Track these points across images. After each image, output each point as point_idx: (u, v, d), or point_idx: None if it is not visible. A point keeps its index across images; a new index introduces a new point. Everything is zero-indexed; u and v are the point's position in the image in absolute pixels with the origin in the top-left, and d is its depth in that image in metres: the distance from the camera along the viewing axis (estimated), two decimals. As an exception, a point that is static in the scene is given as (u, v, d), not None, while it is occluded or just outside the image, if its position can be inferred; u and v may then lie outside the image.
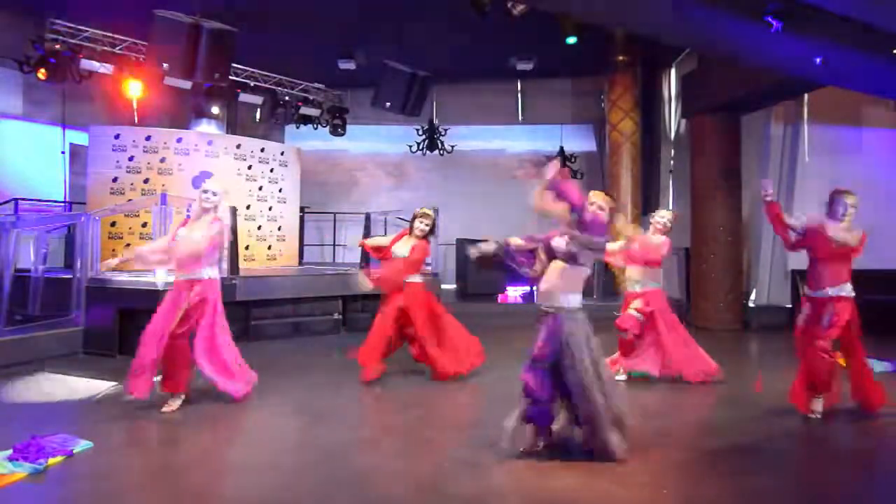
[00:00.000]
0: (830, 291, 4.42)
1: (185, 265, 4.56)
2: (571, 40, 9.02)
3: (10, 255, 6.75)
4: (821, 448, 4.18)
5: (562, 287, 3.58)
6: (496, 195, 13.38)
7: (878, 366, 6.25)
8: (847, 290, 4.43)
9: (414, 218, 5.68)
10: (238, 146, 9.98)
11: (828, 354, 4.37)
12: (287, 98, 11.38)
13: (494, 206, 12.97)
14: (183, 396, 4.58)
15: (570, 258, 3.49)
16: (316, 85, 11.75)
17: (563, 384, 3.57)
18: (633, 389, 5.42)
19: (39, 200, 9.71)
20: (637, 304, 5.57)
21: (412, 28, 9.52)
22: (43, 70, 8.61)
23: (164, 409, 4.45)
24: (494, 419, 4.38)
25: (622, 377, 5.64)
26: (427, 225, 5.62)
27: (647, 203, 11.83)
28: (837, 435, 4.29)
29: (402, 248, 5.62)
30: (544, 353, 3.54)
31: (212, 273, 4.65)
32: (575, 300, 3.60)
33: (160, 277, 6.48)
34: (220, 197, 4.66)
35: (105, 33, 9.14)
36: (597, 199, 3.65)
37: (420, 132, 12.54)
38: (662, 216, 5.71)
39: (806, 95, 9.21)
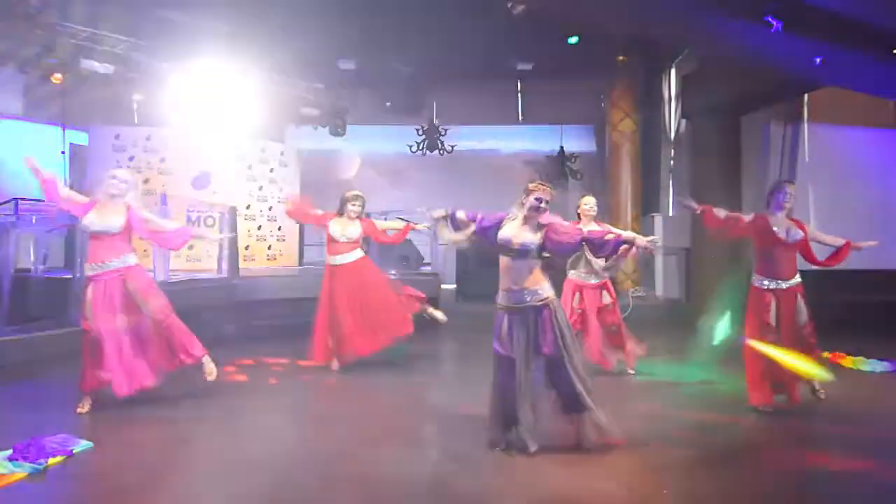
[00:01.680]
0: (795, 280, 4.51)
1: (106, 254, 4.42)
2: (573, 40, 9.03)
3: (10, 255, 6.75)
4: (821, 448, 4.18)
5: (542, 279, 3.63)
6: (496, 195, 13.35)
7: (878, 366, 6.25)
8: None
9: (346, 202, 5.96)
10: (238, 146, 9.98)
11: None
12: (287, 98, 11.37)
13: (494, 206, 12.91)
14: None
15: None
16: (316, 85, 11.74)
17: (550, 376, 3.60)
18: (631, 390, 5.43)
19: (39, 200, 9.69)
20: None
21: (412, 28, 9.52)
22: (58, 75, 8.63)
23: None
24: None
25: (631, 372, 5.69)
26: (361, 206, 6.00)
27: (647, 203, 11.83)
28: (837, 434, 4.29)
29: (350, 230, 5.89)
30: (549, 346, 3.55)
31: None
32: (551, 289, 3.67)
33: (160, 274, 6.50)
34: (130, 185, 4.53)
35: (105, 33, 9.14)
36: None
37: (420, 132, 12.54)
38: (588, 202, 5.67)
39: (806, 95, 9.20)
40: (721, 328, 5.84)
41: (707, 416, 4.62)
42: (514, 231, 3.65)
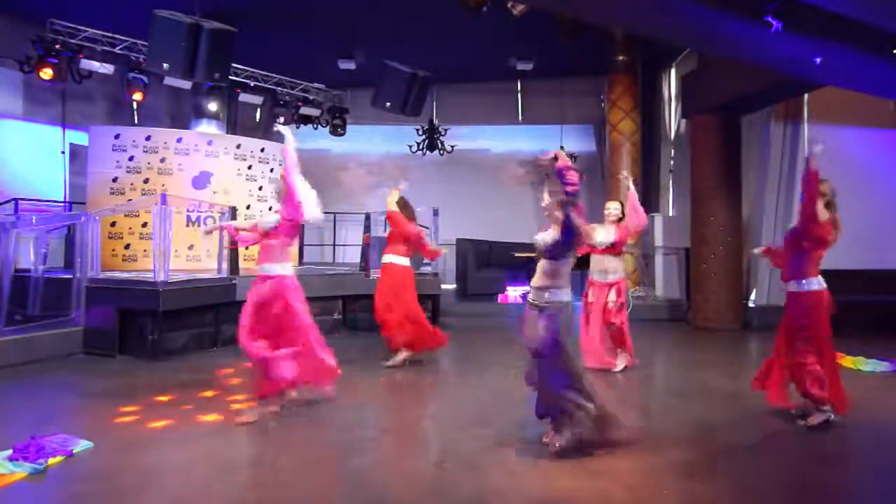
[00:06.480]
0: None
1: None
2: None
3: (10, 255, 6.75)
4: (820, 448, 4.17)
5: (552, 281, 3.58)
6: (496, 195, 13.41)
7: (878, 366, 6.25)
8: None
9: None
10: (238, 146, 9.97)
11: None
12: (287, 98, 11.38)
13: (494, 206, 13.00)
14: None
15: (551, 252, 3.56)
16: (316, 85, 11.75)
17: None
18: (630, 390, 5.43)
19: (39, 200, 9.70)
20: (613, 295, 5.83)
21: (412, 28, 9.52)
22: (48, 70, 8.64)
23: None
24: (494, 418, 4.39)
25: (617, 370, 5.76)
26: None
27: (647, 203, 11.83)
28: (837, 435, 4.28)
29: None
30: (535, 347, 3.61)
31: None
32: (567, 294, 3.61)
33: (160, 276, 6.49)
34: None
35: (105, 33, 9.15)
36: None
37: (420, 132, 12.54)
38: (616, 207, 5.94)
39: (806, 95, 9.19)
40: None
41: (707, 416, 4.62)
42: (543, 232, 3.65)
